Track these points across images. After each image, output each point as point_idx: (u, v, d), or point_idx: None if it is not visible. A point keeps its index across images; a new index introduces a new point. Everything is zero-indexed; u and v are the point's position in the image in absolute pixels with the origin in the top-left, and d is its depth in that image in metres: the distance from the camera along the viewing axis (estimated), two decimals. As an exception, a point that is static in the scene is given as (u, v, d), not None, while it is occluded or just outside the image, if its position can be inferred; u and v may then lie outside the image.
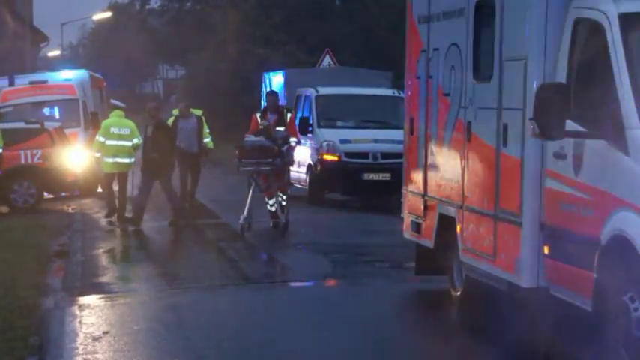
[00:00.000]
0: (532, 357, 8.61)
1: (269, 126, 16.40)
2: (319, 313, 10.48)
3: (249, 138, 16.37)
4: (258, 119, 16.66)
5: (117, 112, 18.83)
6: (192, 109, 19.14)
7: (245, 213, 15.70)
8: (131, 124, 18.23)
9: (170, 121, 18.57)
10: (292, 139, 16.74)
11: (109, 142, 17.77)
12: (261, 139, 16.19)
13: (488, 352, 8.88)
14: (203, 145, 18.81)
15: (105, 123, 18.42)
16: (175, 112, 19.08)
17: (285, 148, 16.32)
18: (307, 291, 11.94)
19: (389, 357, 8.89)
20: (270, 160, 15.96)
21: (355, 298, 11.29)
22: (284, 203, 16.78)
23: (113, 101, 19.99)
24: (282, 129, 16.53)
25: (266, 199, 16.66)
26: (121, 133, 17.86)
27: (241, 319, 10.32)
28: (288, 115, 16.91)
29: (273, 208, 16.67)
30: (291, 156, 16.98)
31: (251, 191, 16.05)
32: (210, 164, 20.13)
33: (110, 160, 17.88)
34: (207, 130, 19.05)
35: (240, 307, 10.87)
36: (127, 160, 18.01)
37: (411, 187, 11.55)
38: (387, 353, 8.97)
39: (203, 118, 19.11)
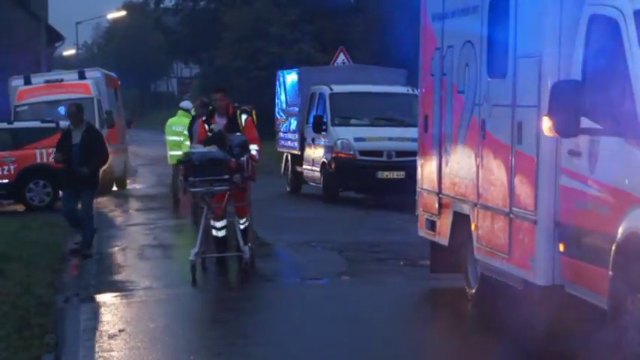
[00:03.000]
0: (547, 355, 8.59)
1: (222, 131, 12.62)
2: (334, 311, 10.48)
3: (197, 148, 12.62)
4: (205, 125, 12.83)
5: (180, 111, 20.22)
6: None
7: (197, 246, 12.21)
8: (187, 121, 19.24)
9: (186, 124, 17.99)
10: (253, 147, 12.65)
11: (168, 138, 19.92)
12: (212, 149, 12.36)
13: (503, 350, 8.87)
14: None
15: (168, 121, 20.35)
16: (193, 112, 18.20)
17: (244, 158, 12.46)
18: (322, 289, 11.94)
19: (403, 355, 8.89)
20: (226, 176, 12.23)
21: (370, 296, 11.28)
22: (242, 227, 12.99)
23: (182, 103, 20.52)
24: (237, 134, 12.70)
25: (212, 222, 12.92)
26: (176, 130, 19.55)
27: (256, 316, 10.33)
28: (243, 117, 12.90)
29: (221, 233, 13.00)
30: (254, 168, 12.87)
31: (204, 217, 12.66)
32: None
33: (170, 152, 19.81)
34: None
35: (255, 305, 10.88)
36: (179, 153, 18.90)
37: (425, 185, 11.54)
38: (401, 351, 8.96)
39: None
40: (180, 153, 17.86)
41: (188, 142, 17.38)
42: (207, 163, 12.18)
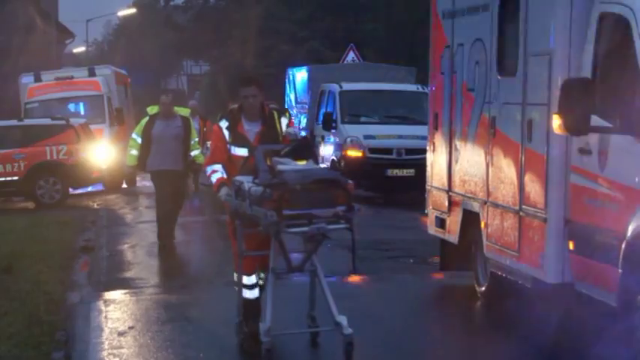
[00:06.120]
0: (557, 353, 8.59)
1: (307, 139, 9.02)
2: (344, 309, 10.46)
3: (287, 164, 8.34)
4: (225, 132, 8.94)
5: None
6: (176, 108, 14.44)
7: (268, 319, 8.38)
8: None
9: (141, 123, 14.10)
10: None
11: None
12: (310, 165, 8.54)
13: (512, 348, 8.86)
14: (189, 160, 14.20)
15: None
16: (152, 109, 14.15)
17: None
18: (331, 286, 11.87)
19: (413, 352, 8.89)
20: (341, 208, 8.27)
21: (379, 294, 11.29)
22: (261, 282, 9.29)
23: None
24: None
25: (239, 276, 9.16)
26: None
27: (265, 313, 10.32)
28: (283, 122, 9.10)
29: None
30: None
31: (271, 272, 8.67)
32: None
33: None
34: (197, 139, 14.54)
35: (264, 302, 10.88)
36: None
37: (435, 183, 11.54)
38: (411, 348, 8.96)
39: (191, 120, 14.51)
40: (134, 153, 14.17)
41: (134, 151, 14.03)
42: (315, 187, 8.09)
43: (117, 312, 10.37)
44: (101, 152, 22.13)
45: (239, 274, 9.05)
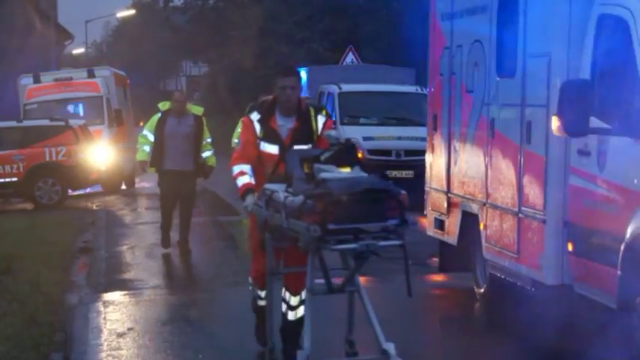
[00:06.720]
0: (555, 355, 8.59)
1: (354, 143, 8.12)
2: (342, 310, 10.47)
3: (331, 172, 7.33)
4: (256, 125, 8.02)
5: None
6: (189, 105, 13.75)
7: (306, 345, 7.58)
8: None
9: (153, 120, 13.50)
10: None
11: None
12: (357, 172, 7.52)
13: (511, 350, 8.86)
14: (201, 161, 13.56)
15: None
16: (164, 105, 13.47)
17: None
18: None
19: (412, 354, 8.88)
20: (394, 221, 7.42)
21: (378, 295, 11.25)
22: (300, 314, 8.56)
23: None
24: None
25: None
26: None
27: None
28: (320, 120, 8.12)
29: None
30: None
31: (308, 292, 7.78)
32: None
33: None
34: (209, 140, 13.66)
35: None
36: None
37: (434, 184, 11.54)
38: (410, 350, 8.95)
39: (204, 120, 13.64)
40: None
41: (147, 147, 13.45)
42: (359, 199, 7.05)
43: (116, 313, 10.37)
44: (100, 153, 22.14)
45: (265, 288, 8.38)
